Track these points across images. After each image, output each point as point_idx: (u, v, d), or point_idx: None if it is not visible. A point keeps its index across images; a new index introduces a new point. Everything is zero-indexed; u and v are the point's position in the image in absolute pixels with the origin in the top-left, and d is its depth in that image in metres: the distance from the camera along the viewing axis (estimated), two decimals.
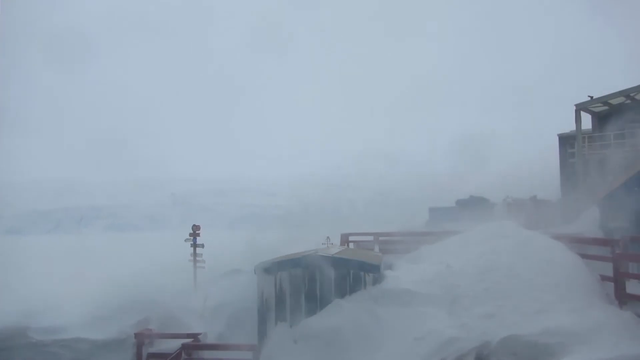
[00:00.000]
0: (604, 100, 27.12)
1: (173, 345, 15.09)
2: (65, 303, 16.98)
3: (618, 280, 12.19)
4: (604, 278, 12.87)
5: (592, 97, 27.27)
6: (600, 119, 28.21)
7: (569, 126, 28.87)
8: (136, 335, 15.08)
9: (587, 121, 28.66)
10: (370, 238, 20.46)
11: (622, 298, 11.93)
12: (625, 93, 26.16)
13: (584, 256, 13.75)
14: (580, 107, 27.70)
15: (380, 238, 20.20)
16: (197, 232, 21.15)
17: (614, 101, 27.25)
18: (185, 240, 21.09)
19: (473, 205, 26.44)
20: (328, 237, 18.23)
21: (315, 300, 13.76)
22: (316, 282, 13.87)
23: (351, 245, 20.32)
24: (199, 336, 15.33)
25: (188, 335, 15.26)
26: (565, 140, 29.48)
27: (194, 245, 20.84)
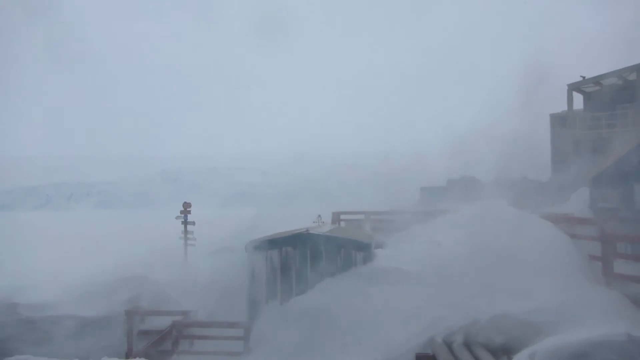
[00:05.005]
0: (596, 80, 27.08)
1: (164, 322, 15.11)
2: (55, 279, 16.92)
3: (606, 260, 12.30)
4: (592, 258, 13.00)
5: (584, 77, 27.22)
6: (592, 100, 28.20)
7: (561, 106, 28.88)
8: (126, 312, 15.05)
9: (579, 101, 28.67)
10: (362, 217, 20.51)
11: (610, 277, 12.05)
12: (617, 74, 26.10)
13: (573, 236, 13.84)
14: (572, 87, 27.68)
15: (372, 217, 20.23)
16: (187, 209, 21.04)
17: (606, 82, 27.20)
18: (176, 218, 20.99)
19: (464, 185, 26.48)
20: (319, 216, 18.20)
21: (305, 279, 13.78)
22: (307, 260, 13.88)
23: (342, 223, 20.35)
24: (190, 313, 15.35)
25: (179, 313, 15.28)
26: (557, 120, 29.49)
27: (185, 222, 20.74)
